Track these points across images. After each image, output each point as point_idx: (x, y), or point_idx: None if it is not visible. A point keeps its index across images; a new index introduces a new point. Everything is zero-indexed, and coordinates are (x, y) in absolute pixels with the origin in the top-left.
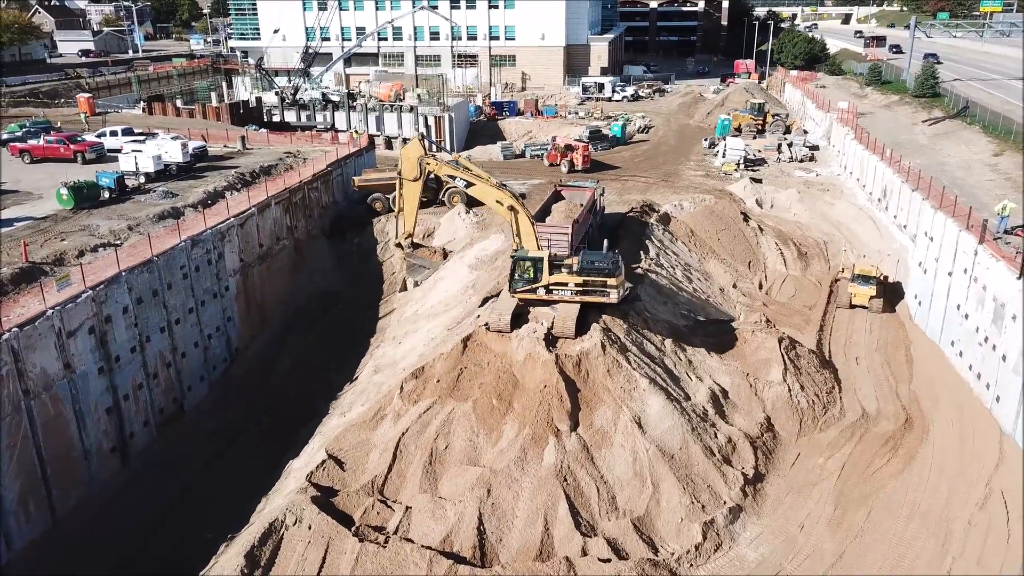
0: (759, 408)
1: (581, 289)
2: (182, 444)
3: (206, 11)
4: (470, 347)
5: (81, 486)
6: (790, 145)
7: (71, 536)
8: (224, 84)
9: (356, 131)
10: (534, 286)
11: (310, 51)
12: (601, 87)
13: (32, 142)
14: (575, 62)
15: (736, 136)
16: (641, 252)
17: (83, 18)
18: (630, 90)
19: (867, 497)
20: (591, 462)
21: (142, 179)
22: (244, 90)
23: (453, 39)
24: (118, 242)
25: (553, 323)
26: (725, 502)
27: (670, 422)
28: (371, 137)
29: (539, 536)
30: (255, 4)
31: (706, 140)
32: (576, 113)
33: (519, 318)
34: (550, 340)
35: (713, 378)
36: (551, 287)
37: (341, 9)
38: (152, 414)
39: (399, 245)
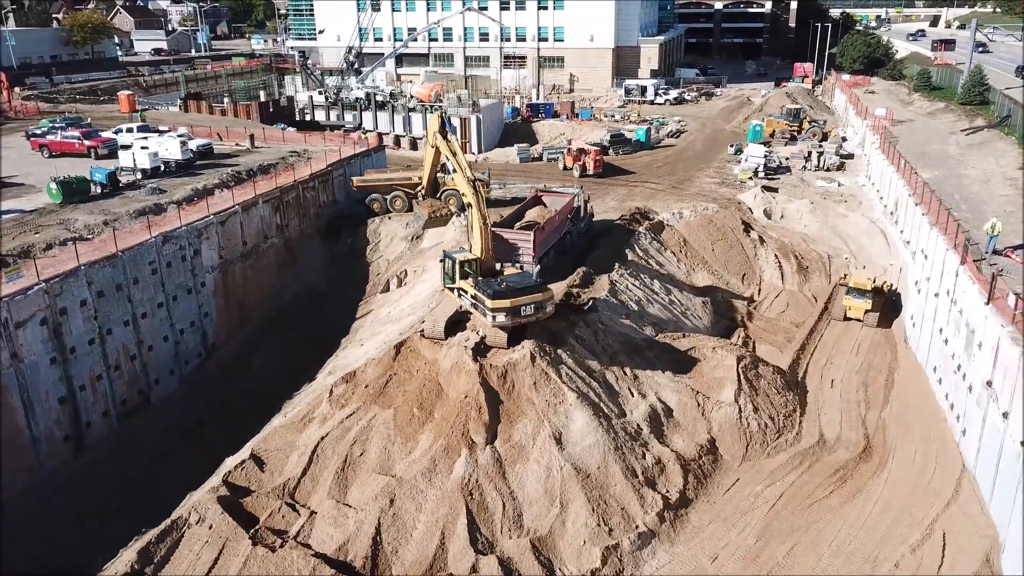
0: (704, 429)
1: (472, 301)
2: (144, 436)
3: (284, 11)
4: (403, 353)
5: (28, 472)
6: (820, 153)
7: (15, 521)
8: (276, 83)
9: (364, 131)
10: (449, 285)
11: (353, 51)
12: (644, 90)
13: (50, 137)
14: (624, 64)
15: (766, 143)
16: (617, 262)
17: (163, 18)
18: (674, 93)
19: (796, 531)
20: (502, 477)
21: (138, 175)
22: (294, 89)
23: (502, 40)
24: (89, 236)
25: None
26: (637, 527)
27: (592, 439)
28: (380, 136)
29: (434, 551)
30: (312, 5)
31: (732, 146)
32: (612, 116)
33: (457, 326)
34: (479, 350)
35: (658, 395)
36: (456, 290)
37: (394, 10)
38: (113, 405)
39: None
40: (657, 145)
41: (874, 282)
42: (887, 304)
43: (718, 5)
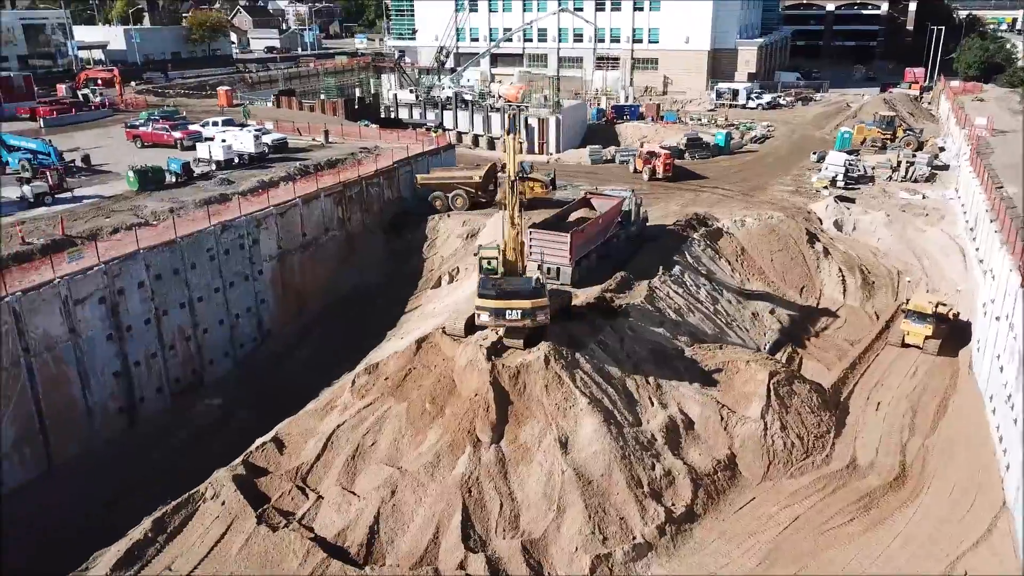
0: (724, 444)
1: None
2: (195, 413)
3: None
4: (424, 348)
5: (82, 440)
6: (911, 164)
7: (66, 483)
8: (372, 81)
9: (437, 129)
10: None
11: (444, 50)
12: (735, 93)
13: (143, 129)
14: (721, 67)
15: (854, 151)
16: (661, 267)
17: (281, 18)
18: (767, 97)
19: (803, 556)
20: (503, 477)
21: (212, 166)
22: (389, 87)
23: (596, 41)
24: (154, 223)
25: None
26: (634, 538)
27: (599, 446)
28: (460, 136)
29: (426, 544)
30: (412, 5)
31: (815, 153)
32: (698, 120)
33: None
34: (496, 349)
35: (680, 406)
36: None
37: (490, 11)
38: (167, 382)
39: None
40: (738, 150)
41: (937, 306)
42: (951, 332)
43: (830, 6)
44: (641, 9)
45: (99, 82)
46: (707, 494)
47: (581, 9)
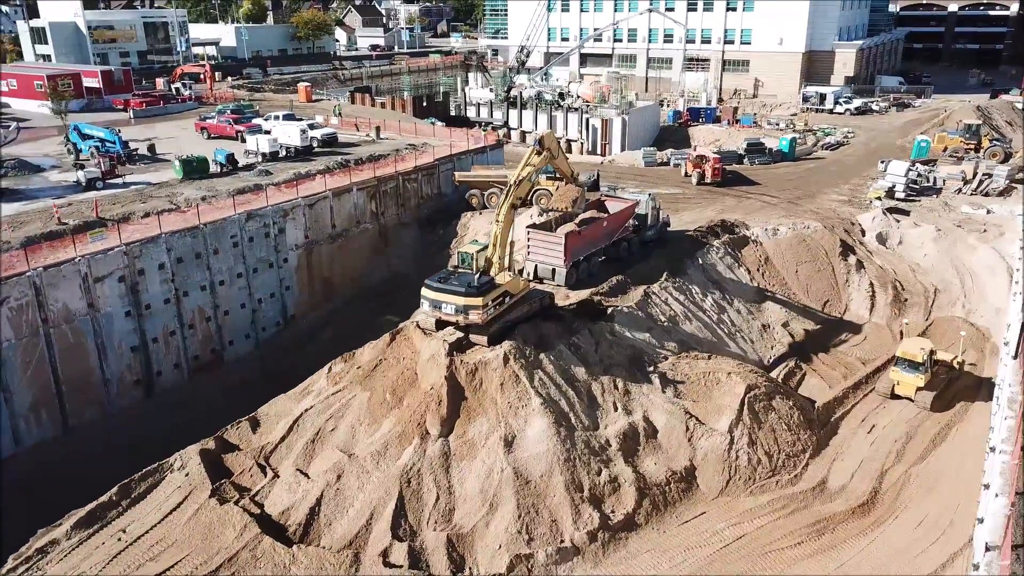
0: (685, 455)
1: None
2: (212, 389)
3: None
4: (397, 340)
5: (97, 406)
6: (989, 175)
7: (80, 444)
8: (445, 80)
9: (484, 128)
10: None
11: (525, 50)
12: (823, 98)
13: (209, 121)
14: (816, 69)
15: (931, 161)
16: (666, 273)
17: (392, 17)
18: (857, 102)
19: None
20: (445, 471)
21: (259, 158)
22: (477, 86)
23: (685, 42)
24: (185, 209)
25: None
26: (561, 541)
27: (544, 447)
28: (524, 134)
29: (359, 529)
30: (506, 5)
31: (883, 162)
32: (776, 124)
33: None
34: (459, 345)
35: (646, 413)
36: None
37: (582, 10)
38: (185, 359)
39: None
40: (805, 156)
41: (932, 354)
42: (953, 382)
43: (952, 7)
44: (734, 9)
45: (201, 77)
46: (653, 504)
47: (672, 9)
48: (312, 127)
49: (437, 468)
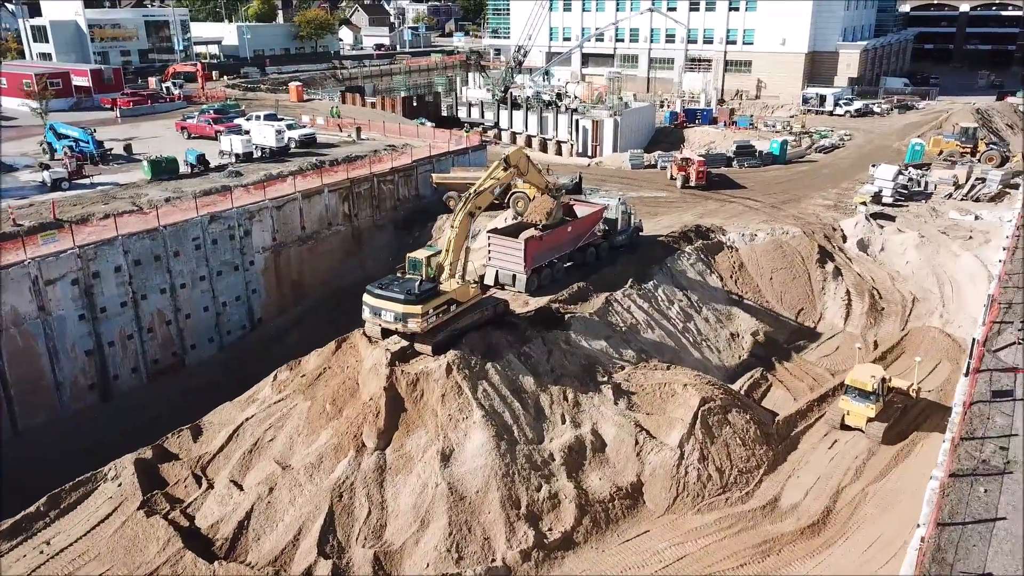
0: (633, 470)
1: None
2: (173, 393)
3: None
4: (343, 348)
5: (49, 410)
6: (982, 180)
7: (30, 448)
8: (459, 80)
9: (468, 130)
10: None
11: (522, 50)
12: (822, 99)
13: (189, 121)
14: (819, 70)
15: (924, 165)
16: (631, 279)
17: (401, 16)
18: (857, 104)
19: None
20: (379, 485)
21: (232, 159)
22: (476, 86)
23: (687, 42)
24: (148, 211)
25: None
26: (492, 560)
27: (482, 462)
28: (514, 135)
29: (285, 545)
30: (508, 4)
31: (874, 166)
32: (773, 126)
33: None
34: (402, 354)
35: (595, 426)
36: None
37: (584, 10)
38: (143, 362)
39: None
40: (797, 159)
41: (884, 382)
42: (908, 411)
43: (964, 7)
44: (736, 9)
45: (201, 74)
46: (594, 522)
47: (674, 9)
48: (291, 127)
49: (371, 482)
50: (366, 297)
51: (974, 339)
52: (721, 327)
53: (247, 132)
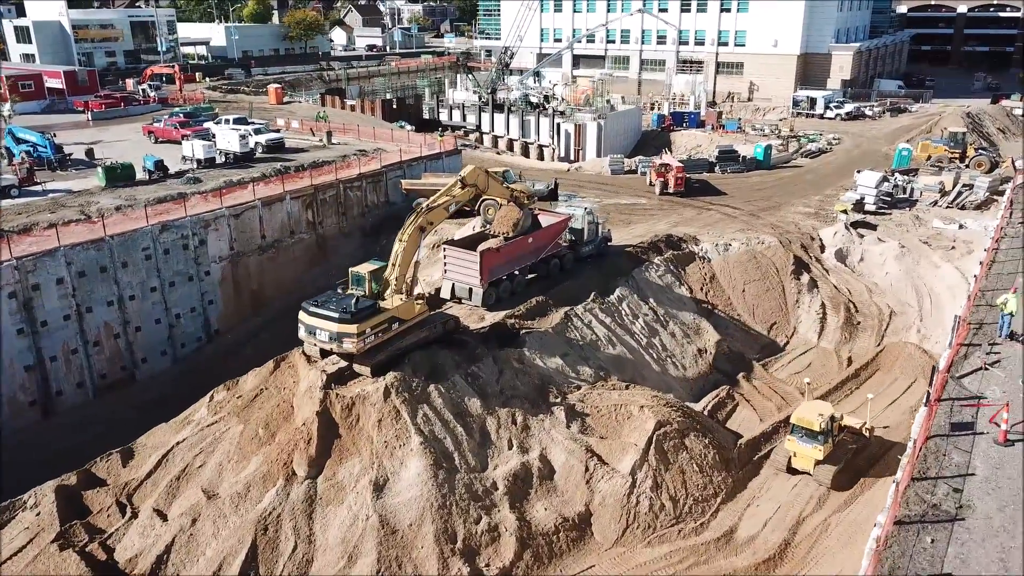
0: (582, 500)
1: None
2: (122, 409)
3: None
4: (281, 368)
5: None
6: (969, 186)
7: None
8: (447, 82)
9: (440, 134)
10: None
11: (508, 51)
12: (813, 102)
13: (156, 125)
14: (812, 72)
15: (912, 170)
16: (594, 293)
17: (391, 16)
18: (849, 107)
19: None
20: (308, 517)
21: (193, 164)
22: (463, 88)
23: (678, 44)
24: (96, 219)
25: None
26: None
27: (417, 492)
28: (495, 139)
29: None
30: (499, 5)
31: (859, 172)
32: (761, 130)
33: None
34: (340, 376)
35: (545, 452)
36: None
37: (575, 11)
38: (90, 377)
39: None
40: (781, 164)
41: (834, 420)
42: (861, 451)
43: (962, 8)
44: (728, 10)
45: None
46: (536, 556)
47: (665, 10)
48: (258, 132)
49: (299, 514)
50: (301, 315)
51: (934, 367)
52: (688, 342)
53: (214, 136)
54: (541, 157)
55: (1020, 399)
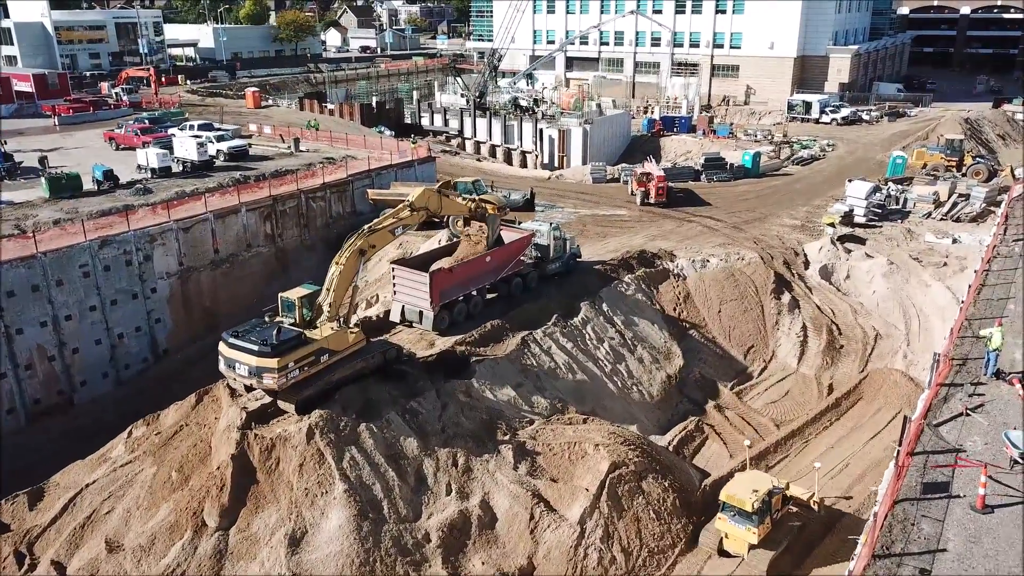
0: (524, 552)
1: None
2: (58, 436)
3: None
4: (204, 402)
5: None
6: (965, 196)
7: None
8: (436, 85)
9: (414, 141)
10: None
11: (496, 54)
12: (808, 106)
13: (117, 131)
14: (809, 75)
15: (906, 179)
16: (556, 315)
17: (394, 17)
18: (845, 111)
19: None
20: (215, 575)
21: (148, 174)
22: (452, 91)
23: (672, 46)
24: (29, 234)
25: None
26: None
27: (337, 547)
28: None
29: None
30: (491, 7)
31: (850, 181)
32: (753, 135)
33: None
34: (262, 413)
35: (487, 497)
36: None
37: (568, 12)
38: (21, 403)
39: None
40: (771, 172)
41: (773, 495)
42: (806, 528)
43: (965, 9)
44: (723, 12)
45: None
46: None
47: (660, 11)
48: (220, 139)
49: (206, 571)
50: (221, 346)
51: (906, 417)
52: (657, 368)
53: (168, 145)
54: (524, 164)
55: (1004, 453)
